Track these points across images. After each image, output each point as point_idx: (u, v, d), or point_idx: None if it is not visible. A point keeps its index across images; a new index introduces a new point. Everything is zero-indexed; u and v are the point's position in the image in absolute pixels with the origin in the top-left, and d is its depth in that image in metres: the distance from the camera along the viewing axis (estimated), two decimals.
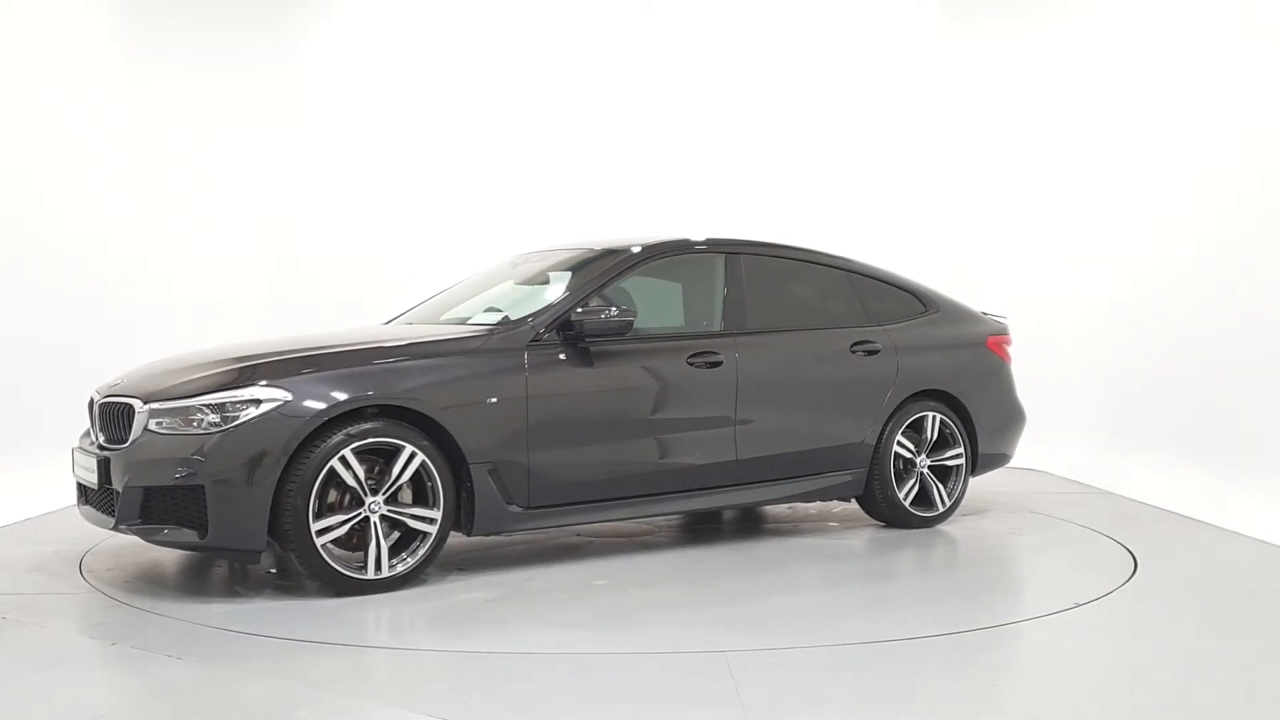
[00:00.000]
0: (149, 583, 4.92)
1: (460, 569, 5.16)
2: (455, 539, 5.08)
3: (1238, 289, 6.59)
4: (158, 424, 4.58)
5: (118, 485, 4.59)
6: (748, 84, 9.41)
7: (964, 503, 6.31)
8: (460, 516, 4.88)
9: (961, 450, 6.18)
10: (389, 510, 4.64)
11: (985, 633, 4.13)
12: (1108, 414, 7.85)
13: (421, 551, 4.71)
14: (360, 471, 4.56)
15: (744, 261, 5.81)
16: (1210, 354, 6.82)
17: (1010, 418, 6.51)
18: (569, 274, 5.58)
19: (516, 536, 5.80)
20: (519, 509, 4.95)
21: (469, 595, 4.69)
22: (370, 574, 4.60)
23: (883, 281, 6.31)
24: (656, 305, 5.83)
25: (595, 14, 9.42)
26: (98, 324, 7.90)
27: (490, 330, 5.14)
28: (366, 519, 4.60)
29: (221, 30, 9.17)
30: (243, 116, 9.26)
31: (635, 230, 6.48)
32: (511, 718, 3.29)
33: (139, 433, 4.62)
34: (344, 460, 4.52)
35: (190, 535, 4.47)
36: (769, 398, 5.63)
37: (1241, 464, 6.47)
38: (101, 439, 4.89)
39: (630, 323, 5.14)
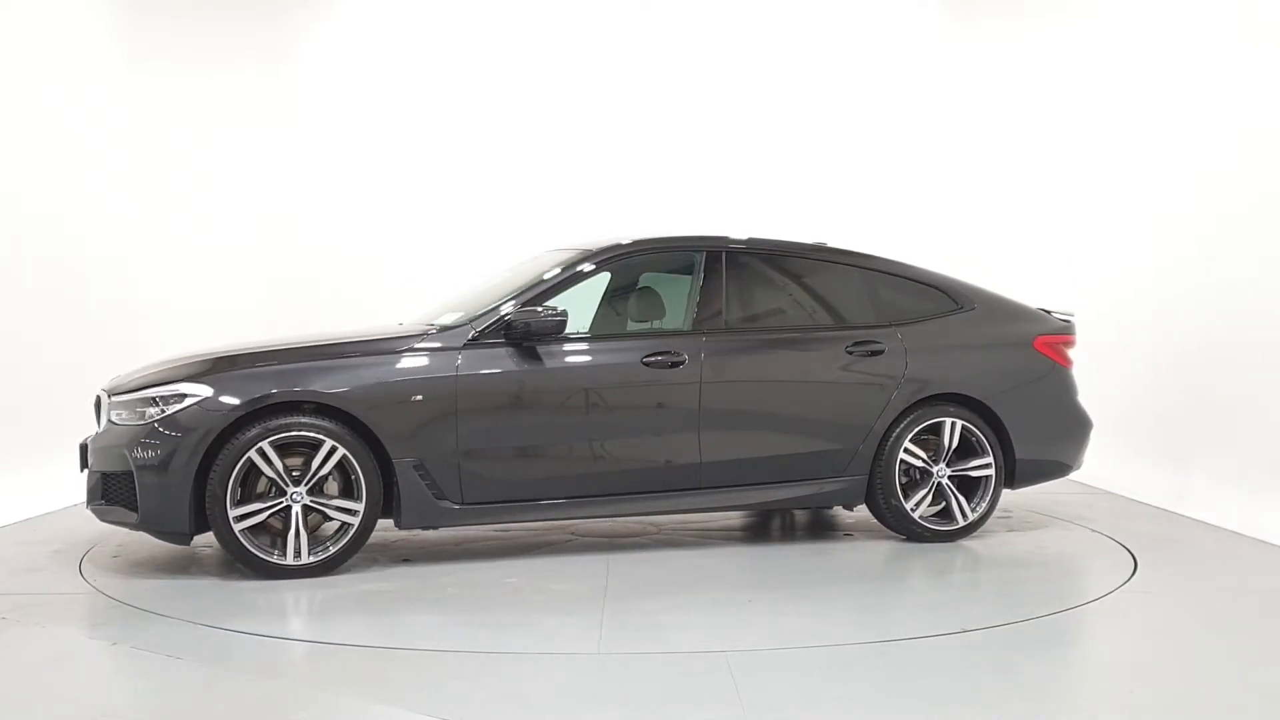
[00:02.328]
0: (149, 583, 4.91)
1: (407, 560, 5.32)
2: (451, 532, 5.07)
3: (1238, 289, 6.59)
4: (116, 415, 4.99)
5: (89, 469, 5.10)
6: (750, 84, 9.42)
7: None
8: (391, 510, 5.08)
9: (989, 460, 5.70)
10: (311, 501, 4.88)
11: (985, 633, 4.13)
12: (1108, 414, 7.83)
13: (343, 542, 4.93)
14: (279, 464, 4.83)
15: (727, 259, 5.63)
16: (1210, 355, 6.82)
17: (1062, 425, 5.96)
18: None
19: (491, 530, 5.91)
20: (454, 505, 5.06)
21: (377, 585, 4.83)
22: (289, 560, 4.86)
23: (905, 278, 5.91)
24: (630, 305, 5.82)
25: (595, 13, 9.42)
26: (98, 325, 7.90)
27: (428, 331, 5.25)
28: (310, 507, 4.90)
29: (221, 30, 9.17)
30: (242, 116, 9.26)
31: (642, 229, 6.41)
32: (511, 717, 3.29)
33: (104, 422, 5.07)
34: (261, 452, 4.80)
35: (131, 517, 4.89)
36: (739, 399, 5.45)
37: (1241, 464, 6.46)
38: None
39: (563, 322, 5.15)
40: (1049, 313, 6.17)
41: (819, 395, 5.59)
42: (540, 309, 5.17)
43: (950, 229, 9.37)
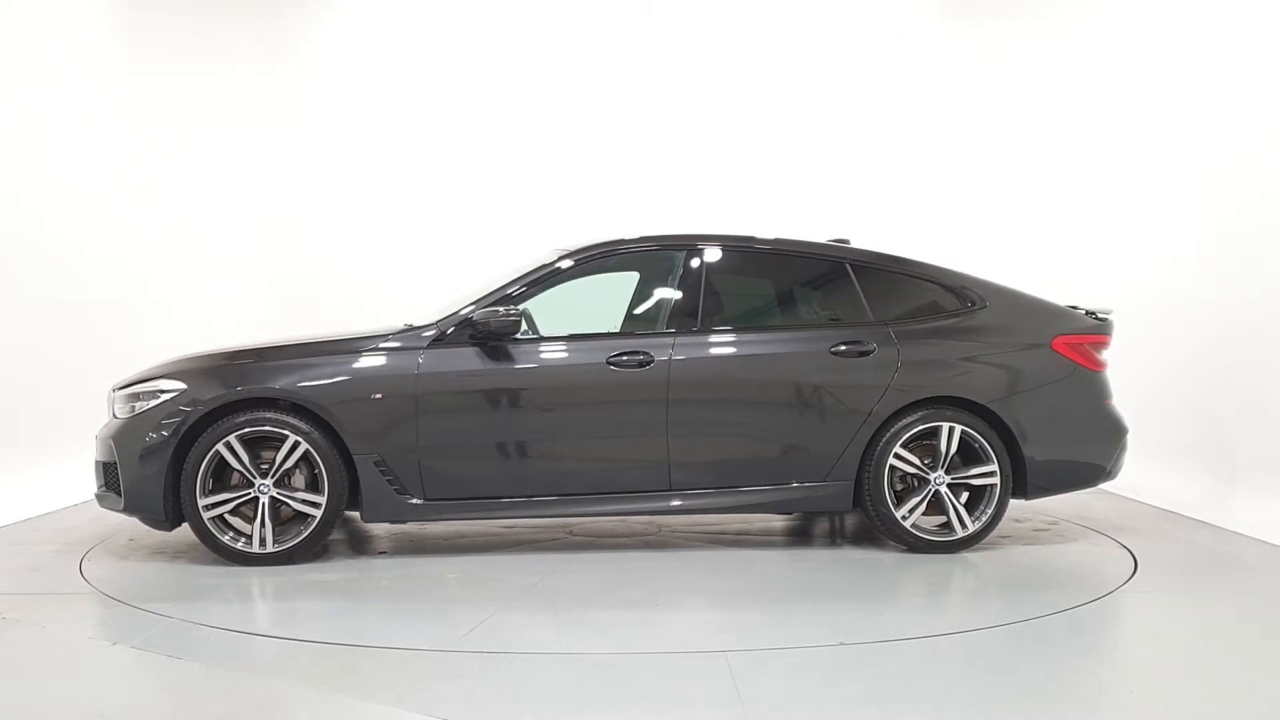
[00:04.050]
0: (149, 583, 4.93)
1: (384, 552, 5.56)
2: (452, 527, 5.06)
3: (1238, 290, 6.59)
4: (118, 408, 5.32)
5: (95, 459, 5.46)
6: (752, 86, 9.42)
7: None
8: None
9: (994, 468, 5.37)
10: (277, 493, 5.12)
11: (985, 633, 4.13)
12: None
13: (306, 532, 5.14)
14: (245, 456, 5.09)
15: (709, 257, 5.56)
16: (1210, 354, 6.83)
17: (1085, 432, 5.56)
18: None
19: (495, 526, 5.96)
20: (418, 501, 5.21)
21: (323, 576, 5.02)
22: (255, 548, 5.12)
23: (909, 275, 5.64)
24: (604, 305, 5.82)
25: (595, 15, 9.42)
26: (98, 325, 7.90)
27: (394, 331, 5.38)
28: (277, 498, 5.15)
29: (222, 30, 9.18)
30: (244, 117, 9.27)
31: (644, 229, 6.36)
32: (512, 717, 3.29)
33: (109, 415, 5.39)
34: (229, 445, 5.08)
35: (120, 503, 5.22)
36: (709, 400, 5.33)
37: (1241, 464, 6.47)
38: None
39: (517, 322, 5.21)
40: (1090, 313, 5.77)
41: (796, 397, 5.40)
42: (501, 309, 5.23)
43: (948, 229, 9.36)
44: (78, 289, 7.72)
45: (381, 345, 5.27)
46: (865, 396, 5.38)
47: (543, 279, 5.47)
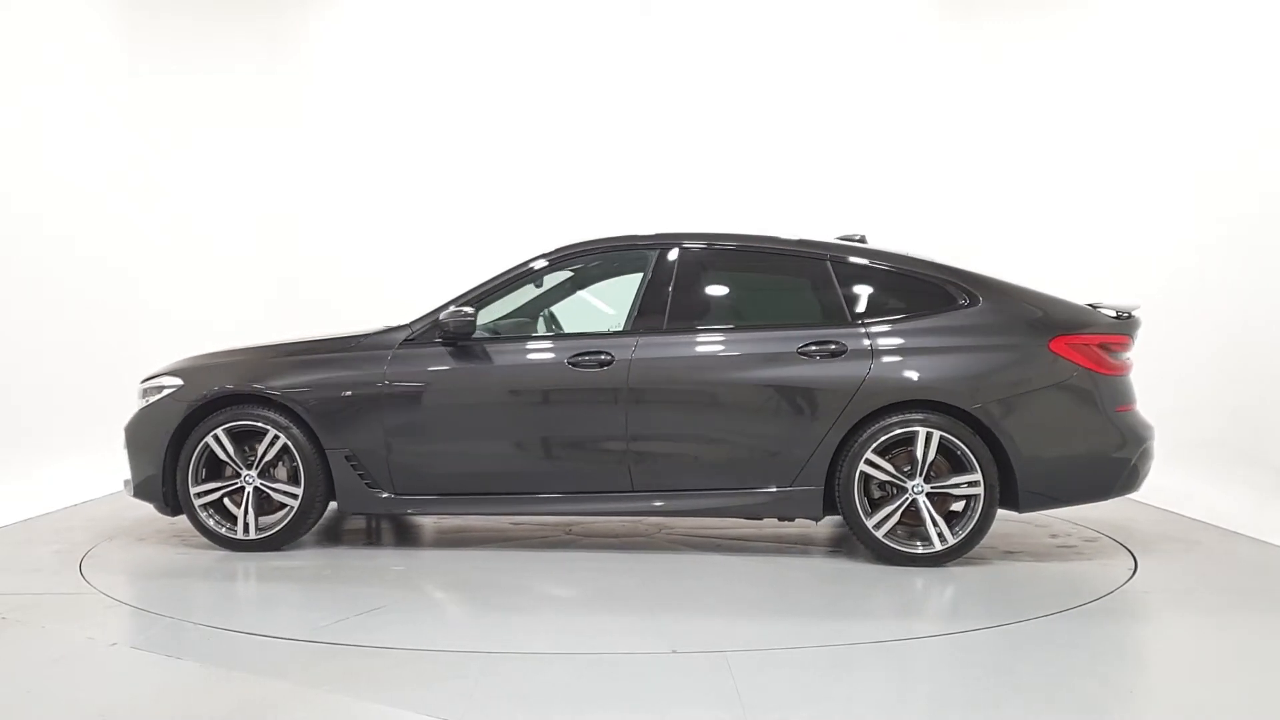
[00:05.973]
0: (149, 583, 4.94)
1: (371, 544, 5.84)
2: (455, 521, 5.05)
3: (1238, 290, 6.59)
4: (137, 402, 5.67)
5: None
6: (749, 87, 9.43)
7: None
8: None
9: (977, 477, 5.05)
10: (261, 484, 5.43)
11: (985, 633, 4.13)
12: None
13: (285, 521, 5.42)
14: (231, 448, 5.40)
15: (681, 257, 5.46)
16: (1210, 354, 6.82)
17: (1087, 441, 5.15)
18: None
19: (503, 522, 6.00)
20: (388, 495, 5.40)
21: (294, 564, 5.28)
22: (240, 534, 5.43)
23: (896, 272, 5.36)
24: (580, 305, 5.86)
25: (595, 15, 9.43)
26: (98, 326, 7.90)
27: (371, 333, 5.59)
28: (259, 489, 5.45)
29: (222, 30, 9.18)
30: (243, 116, 9.27)
31: (643, 230, 6.37)
32: (511, 717, 3.29)
33: (136, 407, 5.68)
34: (216, 438, 5.40)
35: (132, 489, 5.60)
36: (671, 401, 5.24)
37: (1242, 464, 6.47)
38: None
39: (470, 323, 5.33)
40: (1121, 313, 5.38)
41: (759, 398, 5.21)
42: (466, 309, 5.37)
43: (948, 230, 9.37)
44: (77, 289, 7.71)
45: (357, 346, 5.51)
46: (833, 399, 5.14)
47: (513, 280, 5.59)
